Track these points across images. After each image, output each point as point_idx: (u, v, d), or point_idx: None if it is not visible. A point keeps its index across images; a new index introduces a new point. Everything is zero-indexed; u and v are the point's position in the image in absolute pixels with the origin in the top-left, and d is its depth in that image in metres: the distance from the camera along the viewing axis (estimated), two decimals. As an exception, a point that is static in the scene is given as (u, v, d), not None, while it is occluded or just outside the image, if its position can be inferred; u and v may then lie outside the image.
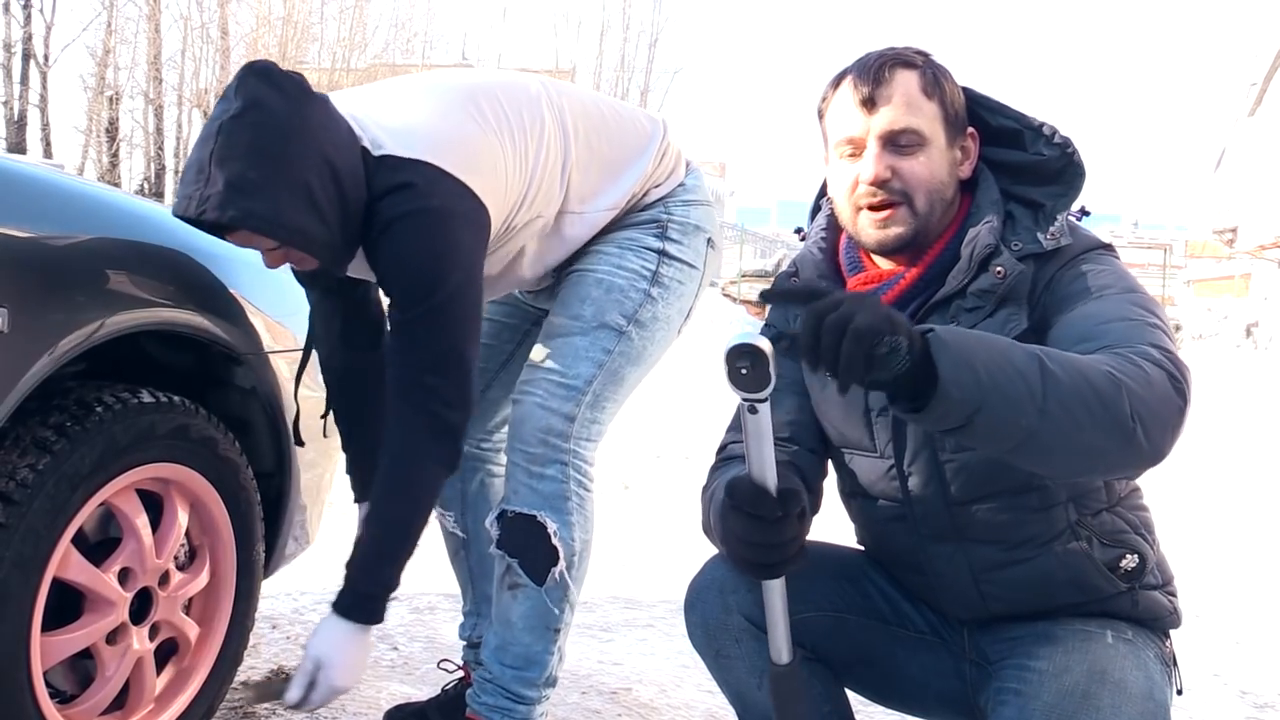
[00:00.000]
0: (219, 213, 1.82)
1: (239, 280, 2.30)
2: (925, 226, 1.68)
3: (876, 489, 1.78)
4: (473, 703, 2.26)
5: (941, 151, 1.67)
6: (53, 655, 1.89)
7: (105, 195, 2.16)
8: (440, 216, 1.95)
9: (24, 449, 1.80)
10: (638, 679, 2.82)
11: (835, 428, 1.79)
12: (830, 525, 1.96)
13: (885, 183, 1.66)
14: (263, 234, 1.88)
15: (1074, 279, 1.61)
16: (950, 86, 1.69)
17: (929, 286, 1.68)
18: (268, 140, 1.83)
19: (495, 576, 2.26)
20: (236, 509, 2.26)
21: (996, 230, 1.64)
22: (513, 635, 2.23)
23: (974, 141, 1.72)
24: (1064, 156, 1.68)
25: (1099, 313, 1.55)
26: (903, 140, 1.65)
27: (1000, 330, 1.59)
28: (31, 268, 1.78)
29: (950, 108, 1.69)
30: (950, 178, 1.69)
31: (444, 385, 1.98)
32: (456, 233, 1.96)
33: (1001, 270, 1.61)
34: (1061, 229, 1.64)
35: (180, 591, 2.15)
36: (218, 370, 2.32)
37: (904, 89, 1.67)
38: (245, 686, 2.60)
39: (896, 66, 1.67)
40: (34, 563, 1.79)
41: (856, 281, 1.73)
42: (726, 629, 1.78)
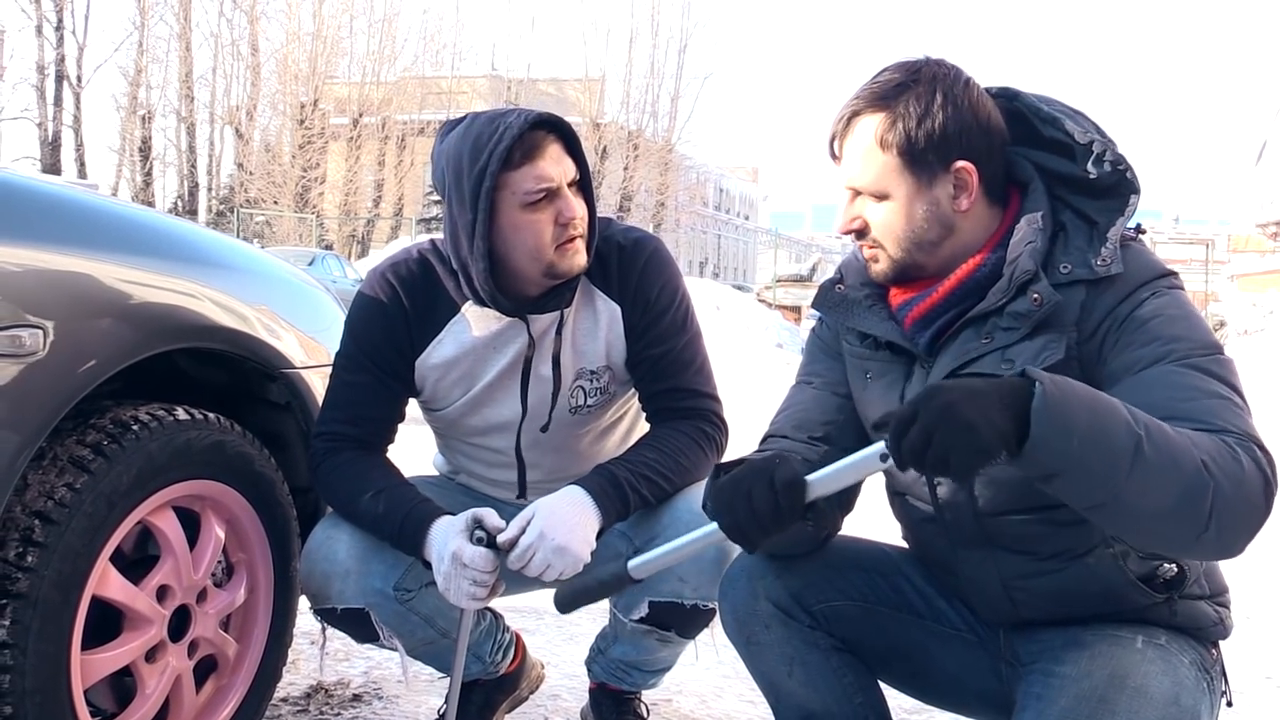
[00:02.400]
0: (543, 113, 2.03)
1: (272, 296, 2.30)
2: (915, 263, 1.67)
3: (912, 491, 1.79)
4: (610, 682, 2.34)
5: (907, 200, 1.65)
6: (93, 673, 1.89)
7: (138, 215, 2.17)
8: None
9: (62, 468, 1.80)
10: (678, 690, 2.80)
11: (875, 429, 1.80)
12: (875, 523, 1.95)
13: (859, 232, 1.69)
14: (573, 151, 2.07)
15: (1140, 325, 1.55)
16: (927, 126, 1.61)
17: (965, 299, 1.66)
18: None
19: (621, 627, 2.23)
20: (273, 525, 2.26)
21: (1038, 254, 1.61)
22: (654, 661, 2.28)
23: (974, 172, 1.64)
24: (1115, 173, 1.63)
25: (1183, 384, 1.49)
26: (865, 193, 1.67)
27: (1035, 358, 1.57)
28: (66, 288, 1.78)
29: (916, 150, 1.62)
30: (930, 220, 1.65)
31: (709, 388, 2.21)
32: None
33: (1038, 298, 1.59)
34: (1114, 253, 1.59)
35: (218, 608, 2.15)
36: (252, 386, 2.32)
37: (859, 141, 1.66)
38: (284, 703, 2.60)
39: (861, 113, 1.66)
40: (73, 581, 1.80)
41: (896, 293, 1.73)
42: (756, 615, 1.81)
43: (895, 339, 1.71)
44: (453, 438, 2.32)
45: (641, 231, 2.27)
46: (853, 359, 1.81)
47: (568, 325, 2.16)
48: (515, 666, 2.48)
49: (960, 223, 1.66)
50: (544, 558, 1.93)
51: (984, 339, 1.62)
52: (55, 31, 34.50)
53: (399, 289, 2.17)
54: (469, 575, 1.92)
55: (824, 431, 1.83)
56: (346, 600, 2.10)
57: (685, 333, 2.20)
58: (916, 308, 1.69)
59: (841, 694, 1.81)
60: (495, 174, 1.97)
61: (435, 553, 1.97)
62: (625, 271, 2.18)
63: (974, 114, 1.64)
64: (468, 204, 2.00)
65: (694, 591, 2.08)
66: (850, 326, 1.79)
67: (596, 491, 2.01)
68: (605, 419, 2.28)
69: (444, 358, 2.17)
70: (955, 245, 1.67)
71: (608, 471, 2.06)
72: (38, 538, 1.74)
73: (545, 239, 2.03)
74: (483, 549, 1.93)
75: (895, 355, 1.74)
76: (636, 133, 41.32)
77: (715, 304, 17.36)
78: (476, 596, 1.94)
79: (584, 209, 2.08)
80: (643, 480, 2.06)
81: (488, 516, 1.97)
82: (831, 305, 1.80)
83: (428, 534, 1.99)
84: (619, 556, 2.14)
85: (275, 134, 40.01)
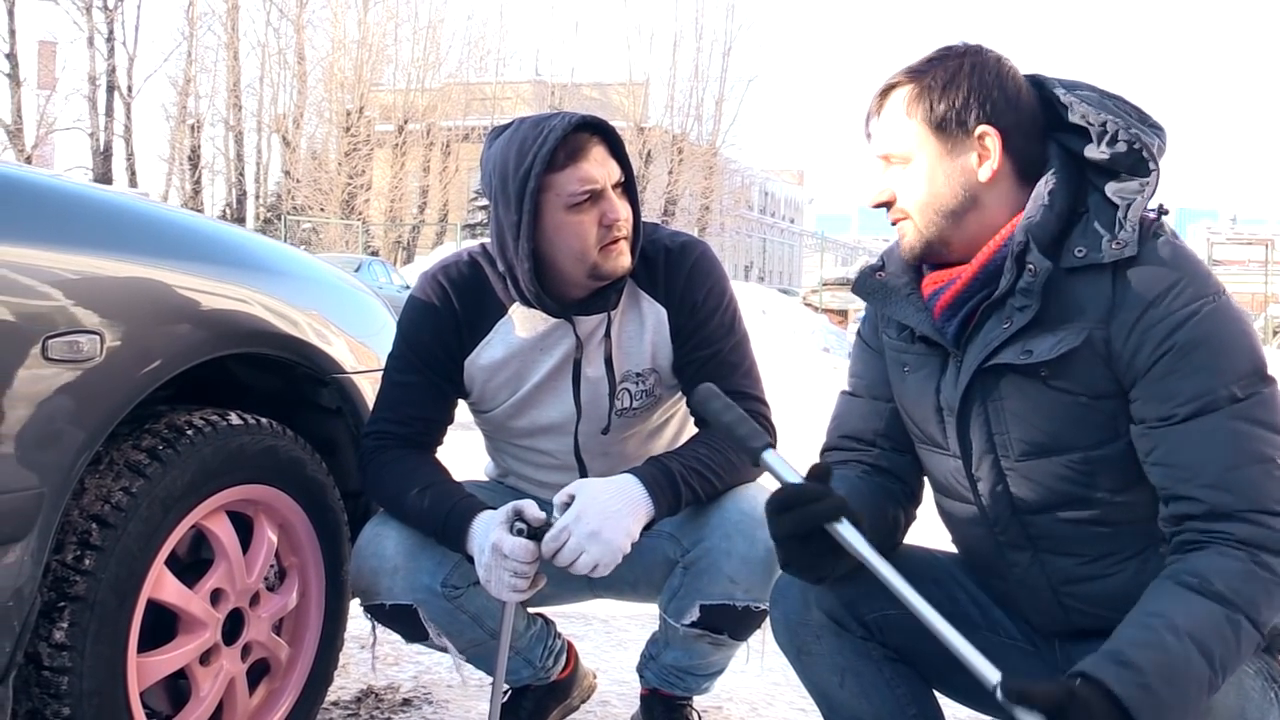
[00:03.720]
0: (587, 116, 2.06)
1: (323, 301, 2.32)
2: (942, 236, 1.67)
3: (953, 489, 1.77)
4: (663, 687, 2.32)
5: (930, 164, 1.65)
6: (149, 676, 1.91)
7: (191, 221, 2.19)
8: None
9: (118, 472, 1.82)
10: (728, 697, 2.78)
11: (913, 421, 1.80)
12: (928, 531, 1.93)
13: (888, 205, 1.70)
14: (617, 153, 2.08)
15: (1183, 352, 1.52)
16: (951, 94, 1.63)
17: (987, 284, 1.65)
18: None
19: (672, 633, 2.21)
20: (324, 529, 2.27)
21: (1032, 227, 1.59)
22: (707, 665, 2.26)
23: (996, 138, 1.63)
24: (1131, 153, 1.60)
25: (1228, 446, 1.50)
26: (893, 160, 1.69)
27: (1051, 349, 1.57)
28: (122, 294, 1.81)
29: (939, 114, 1.63)
30: (954, 187, 1.65)
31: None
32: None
33: (1032, 267, 1.58)
34: (1131, 237, 1.56)
35: (270, 612, 2.17)
36: (304, 392, 2.34)
37: (890, 110, 1.69)
38: (335, 706, 2.61)
39: (895, 86, 1.69)
40: (129, 584, 1.82)
41: (929, 280, 1.73)
42: (807, 625, 1.79)
43: (927, 331, 1.71)
44: (502, 440, 2.32)
45: (688, 235, 2.27)
46: (891, 352, 1.81)
47: (614, 327, 2.16)
48: (567, 674, 2.48)
49: (984, 195, 1.65)
50: (576, 544, 1.92)
51: (1004, 324, 1.62)
52: (106, 43, 34.98)
53: (449, 290, 2.18)
54: (509, 566, 1.93)
55: (870, 436, 1.85)
56: (395, 596, 2.11)
57: (732, 335, 2.19)
58: (944, 296, 1.69)
59: (895, 705, 1.79)
60: (540, 175, 1.99)
61: (476, 545, 1.98)
62: (671, 274, 2.18)
63: (1000, 85, 1.64)
64: (513, 205, 2.02)
65: (745, 593, 2.07)
66: (886, 314, 1.79)
67: (649, 480, 2.01)
68: (652, 421, 2.27)
69: (492, 359, 2.18)
70: (980, 220, 1.65)
71: (660, 462, 2.06)
72: (95, 541, 1.76)
73: (589, 240, 2.04)
74: (522, 540, 1.94)
75: (930, 349, 1.74)
76: (681, 136, 41.25)
77: (761, 308, 17.29)
78: (517, 588, 1.94)
79: (628, 211, 2.08)
80: (694, 474, 2.06)
81: (528, 508, 1.97)
82: (870, 291, 1.80)
83: (470, 528, 2.00)
84: (666, 560, 2.14)
85: (321, 141, 40.38)
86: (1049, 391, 1.60)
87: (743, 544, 2.06)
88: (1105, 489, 1.62)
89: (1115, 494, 1.62)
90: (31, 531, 1.65)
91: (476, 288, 2.18)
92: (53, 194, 1.84)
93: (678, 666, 2.25)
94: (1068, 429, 1.61)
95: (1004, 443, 1.66)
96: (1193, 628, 1.44)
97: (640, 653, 2.35)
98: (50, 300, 1.68)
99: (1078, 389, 1.59)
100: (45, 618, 1.73)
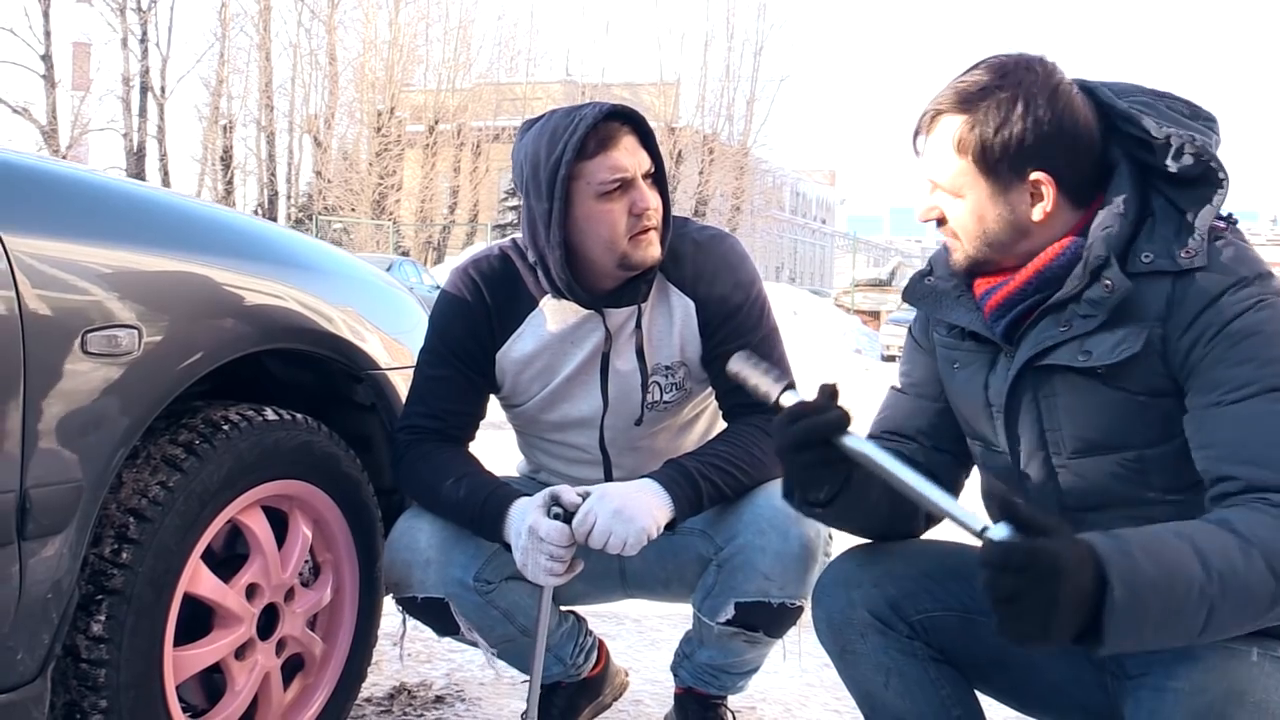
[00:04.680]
0: (618, 106, 2.06)
1: (357, 298, 2.32)
2: (990, 259, 1.66)
3: (1002, 486, 1.75)
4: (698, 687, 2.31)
5: (980, 203, 1.63)
6: (185, 669, 1.92)
7: (227, 218, 2.20)
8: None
9: (155, 466, 1.83)
10: (761, 698, 2.77)
11: (965, 419, 1.79)
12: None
13: (939, 222, 1.69)
14: (647, 144, 2.08)
15: (1234, 341, 1.51)
16: (1004, 135, 1.58)
17: (1043, 287, 1.63)
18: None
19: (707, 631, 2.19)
20: (358, 525, 2.27)
21: (1113, 240, 1.57)
22: (742, 663, 2.25)
23: (1051, 185, 1.60)
24: (1199, 164, 1.58)
25: (1271, 426, 1.47)
26: (942, 188, 1.67)
27: (1112, 350, 1.56)
28: (160, 290, 1.81)
29: (991, 159, 1.59)
30: (1003, 224, 1.62)
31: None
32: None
33: (1109, 284, 1.56)
34: (1200, 246, 1.54)
35: (305, 607, 2.17)
36: (338, 388, 2.34)
37: (938, 142, 1.65)
38: (368, 703, 2.62)
39: (943, 113, 1.64)
40: (166, 578, 1.83)
41: (980, 281, 1.71)
42: (851, 624, 1.78)
43: (977, 328, 1.70)
44: (533, 435, 2.32)
45: (716, 228, 2.27)
46: (942, 349, 1.81)
47: (645, 318, 2.15)
48: (598, 671, 2.47)
49: (1035, 230, 1.63)
50: (605, 524, 1.92)
51: (1062, 327, 1.60)
52: (140, 44, 35.22)
53: (481, 284, 2.18)
54: (545, 550, 1.93)
55: (913, 434, 1.85)
56: (427, 589, 2.11)
57: (761, 328, 2.18)
58: (995, 295, 1.68)
59: (939, 705, 1.78)
60: (570, 163, 2.00)
61: (513, 530, 1.98)
62: (699, 267, 2.17)
63: (1057, 124, 1.59)
64: (544, 193, 2.02)
65: (780, 590, 2.06)
66: (938, 318, 1.79)
67: (665, 480, 2.01)
68: (683, 415, 2.26)
69: (523, 352, 2.18)
70: (1032, 244, 1.64)
71: (676, 463, 2.06)
72: (132, 535, 1.77)
73: (619, 229, 2.04)
74: (558, 523, 1.95)
75: (980, 345, 1.73)
76: (711, 136, 41.14)
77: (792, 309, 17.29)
78: (554, 571, 1.95)
79: (658, 201, 2.08)
80: (713, 470, 2.05)
81: (564, 492, 1.98)
82: (920, 296, 1.80)
83: (507, 515, 2.00)
84: (699, 558, 2.13)
85: (353, 142, 40.54)
86: (1105, 389, 1.59)
87: (777, 540, 2.04)
88: (1157, 488, 1.60)
89: (1166, 494, 1.60)
90: (70, 525, 1.66)
91: (508, 281, 2.19)
92: (90, 189, 1.85)
93: (712, 665, 2.24)
94: (1123, 426, 1.60)
95: (1056, 439, 1.65)
96: (1197, 537, 1.42)
97: (674, 651, 2.34)
98: (89, 295, 1.69)
99: (1133, 386, 1.58)
100: (83, 611, 1.74)
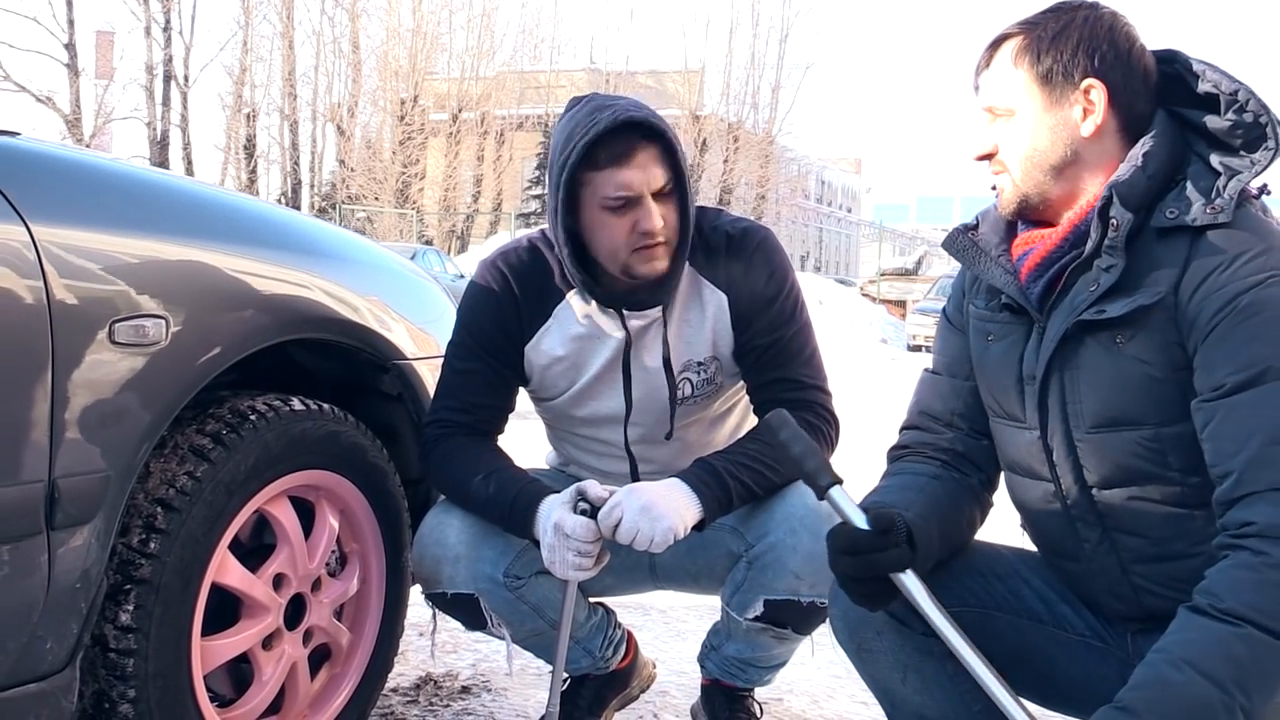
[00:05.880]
0: (642, 114, 1.99)
1: (383, 287, 2.31)
2: (1039, 190, 1.65)
3: (1026, 464, 1.74)
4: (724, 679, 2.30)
5: (1034, 117, 1.64)
6: (212, 659, 1.92)
7: (253, 207, 2.20)
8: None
9: (183, 456, 1.83)
10: (789, 689, 2.75)
11: (992, 395, 1.78)
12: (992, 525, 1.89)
13: (989, 157, 1.69)
14: (669, 155, 2.01)
15: (1242, 317, 1.48)
16: (1060, 44, 1.61)
17: (1075, 246, 1.63)
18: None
19: (735, 626, 2.19)
20: (385, 516, 2.27)
21: (1119, 184, 1.57)
22: (769, 657, 2.24)
23: (1103, 91, 1.60)
24: (1255, 126, 1.57)
25: (1271, 422, 1.45)
26: (998, 113, 1.67)
27: (1122, 307, 1.55)
28: (187, 279, 1.81)
29: (1046, 65, 1.62)
30: (1055, 140, 1.63)
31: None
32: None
33: (1115, 221, 1.56)
34: (1227, 205, 1.54)
35: (332, 598, 2.17)
36: (365, 378, 2.34)
37: (997, 65, 1.68)
38: (394, 693, 2.61)
39: (1007, 38, 1.67)
40: (194, 568, 1.82)
41: (1019, 241, 1.72)
42: (867, 622, 1.78)
43: (1012, 293, 1.69)
44: (562, 429, 2.31)
45: (751, 221, 2.24)
46: (976, 321, 1.79)
47: (673, 319, 2.13)
48: (626, 664, 2.46)
49: (1085, 150, 1.63)
50: (632, 520, 1.91)
51: (1091, 286, 1.59)
52: (163, 32, 35.29)
53: (509, 276, 2.17)
54: (572, 545, 1.93)
55: (951, 419, 1.84)
56: (457, 585, 2.10)
57: (794, 323, 2.16)
58: (1032, 256, 1.68)
59: (959, 701, 1.77)
60: (575, 168, 1.98)
61: (541, 527, 1.98)
62: (733, 260, 2.15)
63: (1111, 39, 1.62)
64: (553, 189, 2.03)
65: (810, 589, 2.04)
66: (973, 273, 1.78)
67: (693, 480, 2.00)
68: (713, 410, 2.24)
69: (551, 346, 2.17)
70: (1078, 175, 1.64)
71: (704, 462, 2.05)
72: (160, 525, 1.77)
73: (620, 242, 2.03)
74: (583, 518, 1.94)
75: (1014, 316, 1.72)
76: (736, 125, 40.95)
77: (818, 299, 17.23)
78: (581, 566, 1.94)
79: (672, 218, 2.03)
80: (743, 469, 2.03)
81: (591, 487, 1.98)
82: (961, 248, 1.78)
83: (536, 512, 1.99)
84: (729, 553, 2.11)
85: (376, 130, 40.58)
86: (1122, 361, 1.58)
87: (808, 539, 2.03)
88: (1176, 469, 1.58)
89: (1187, 475, 1.58)
90: (98, 515, 1.66)
91: (537, 274, 2.17)
92: (116, 178, 1.84)
93: (740, 658, 2.23)
94: (1138, 402, 1.58)
95: (1077, 413, 1.64)
96: (1195, 655, 1.41)
97: (701, 643, 2.33)
98: (116, 285, 1.68)
99: (1150, 357, 1.56)
100: (111, 600, 1.74)
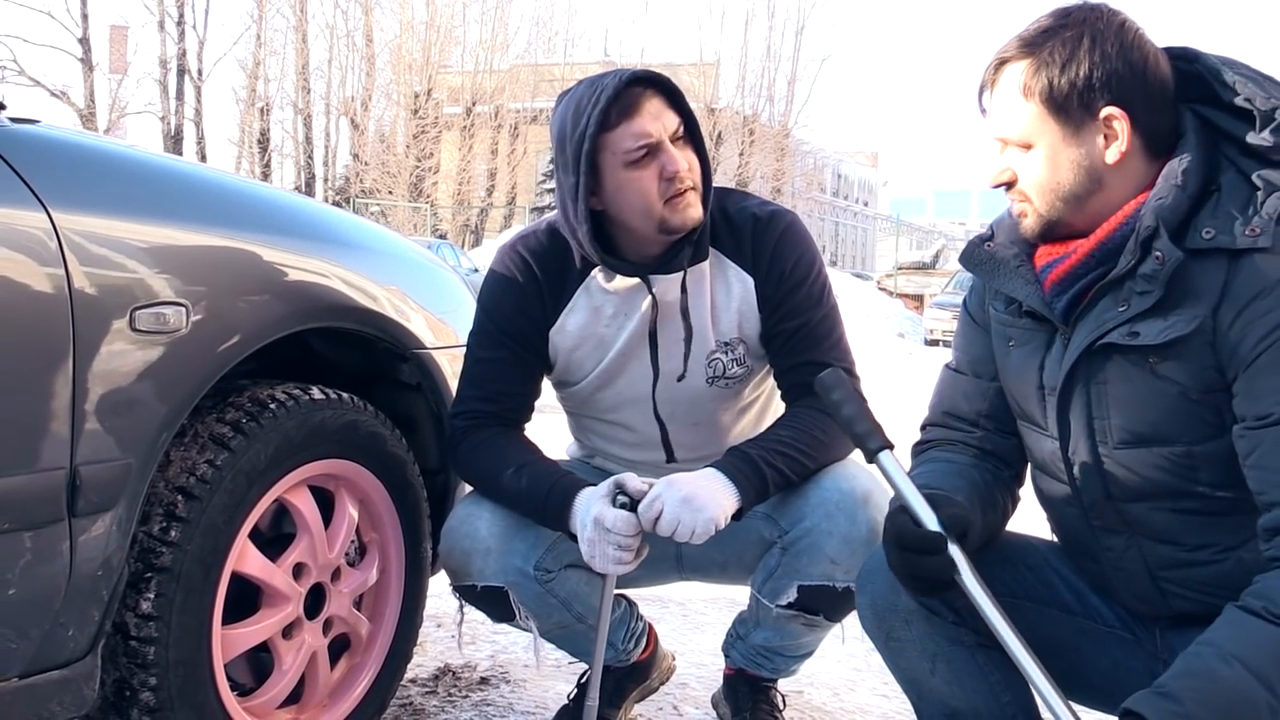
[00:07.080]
0: (642, 71, 2.03)
1: (402, 277, 2.30)
2: (1065, 219, 1.59)
3: (1049, 468, 1.72)
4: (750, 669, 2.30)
5: (1053, 150, 1.57)
6: (233, 648, 1.91)
7: (273, 196, 2.19)
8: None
9: (203, 445, 1.82)
10: (809, 682, 2.74)
11: (1015, 399, 1.75)
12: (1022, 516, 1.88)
13: (1008, 185, 1.62)
14: (676, 103, 2.03)
15: (1273, 341, 1.45)
16: (1071, 71, 1.53)
17: (1105, 260, 1.58)
18: None
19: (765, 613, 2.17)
20: (404, 506, 2.26)
21: (1166, 210, 1.51)
22: (797, 646, 2.23)
23: (1125, 120, 1.53)
24: None
25: None
26: (1011, 143, 1.61)
27: (1159, 333, 1.50)
28: (207, 267, 1.80)
29: (1060, 97, 1.54)
30: (1078, 172, 1.56)
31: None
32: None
33: (1160, 256, 1.50)
34: (1267, 225, 1.47)
35: (351, 587, 2.16)
36: (384, 367, 2.33)
37: (1004, 93, 1.60)
38: (413, 684, 2.61)
39: (1008, 62, 1.59)
40: (214, 556, 1.82)
41: (1042, 252, 1.66)
42: (896, 610, 1.75)
43: (1035, 304, 1.65)
44: (586, 417, 2.29)
45: (777, 205, 2.23)
46: (997, 325, 1.76)
47: (701, 286, 2.12)
48: (647, 656, 2.45)
49: (1110, 177, 1.56)
50: (673, 512, 1.89)
51: (1120, 306, 1.55)
52: (177, 26, 35.30)
53: (530, 260, 2.15)
54: (612, 540, 1.90)
55: (976, 419, 1.81)
56: (487, 578, 2.09)
57: (821, 307, 2.14)
58: (1057, 269, 1.62)
59: (988, 691, 1.75)
60: (594, 136, 1.97)
61: (579, 522, 1.95)
62: (759, 243, 2.13)
63: (1125, 59, 1.53)
64: (570, 168, 2.00)
65: (845, 574, 2.02)
66: (994, 287, 1.74)
67: (730, 469, 1.97)
68: (744, 396, 2.23)
69: (576, 326, 2.15)
70: (1105, 200, 1.58)
71: (739, 451, 2.02)
72: (181, 513, 1.76)
73: (652, 195, 2.01)
74: (624, 512, 1.91)
75: (1037, 324, 1.68)
76: (752, 117, 40.78)
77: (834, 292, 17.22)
78: (622, 560, 1.92)
79: (692, 160, 2.04)
80: (778, 455, 2.01)
81: (629, 480, 1.95)
82: (978, 263, 1.74)
83: (572, 506, 1.97)
84: (761, 540, 2.10)
85: (389, 124, 40.56)
86: (1155, 380, 1.54)
87: (845, 523, 2.01)
88: (1206, 483, 1.55)
89: (1216, 489, 1.55)
90: (119, 502, 1.65)
91: (557, 255, 2.15)
92: (137, 166, 1.84)
93: (767, 647, 2.22)
94: (1170, 421, 1.55)
95: (1103, 428, 1.60)
96: (1246, 652, 1.38)
97: (726, 632, 2.32)
98: (137, 272, 1.68)
99: (1184, 380, 1.52)
100: (132, 588, 1.73)
